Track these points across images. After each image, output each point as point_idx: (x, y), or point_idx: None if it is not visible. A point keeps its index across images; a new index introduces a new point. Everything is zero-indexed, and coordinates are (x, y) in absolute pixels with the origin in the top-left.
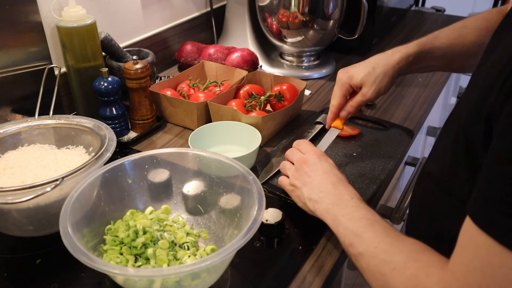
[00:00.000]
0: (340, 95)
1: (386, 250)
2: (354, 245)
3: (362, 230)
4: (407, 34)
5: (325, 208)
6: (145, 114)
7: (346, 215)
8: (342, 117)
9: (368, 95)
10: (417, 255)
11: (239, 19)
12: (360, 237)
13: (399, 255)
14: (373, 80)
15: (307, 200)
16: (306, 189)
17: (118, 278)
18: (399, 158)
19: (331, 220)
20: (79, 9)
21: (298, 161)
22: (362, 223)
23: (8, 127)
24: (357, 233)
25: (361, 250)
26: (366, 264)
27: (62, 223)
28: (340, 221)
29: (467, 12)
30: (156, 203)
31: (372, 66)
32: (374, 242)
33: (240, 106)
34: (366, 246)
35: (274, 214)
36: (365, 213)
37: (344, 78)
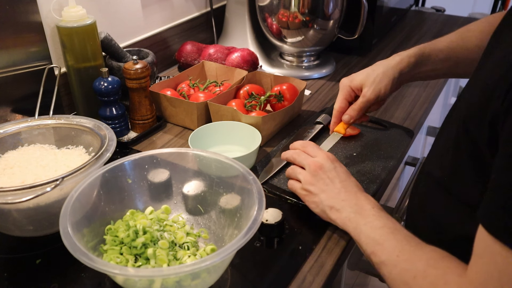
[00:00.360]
0: (342, 98)
1: (407, 259)
2: (376, 254)
3: (384, 239)
4: (407, 34)
5: (347, 217)
6: (145, 114)
7: (368, 224)
8: (345, 121)
9: (368, 95)
10: (436, 262)
11: (239, 19)
12: (382, 246)
13: (419, 263)
14: (372, 80)
15: (327, 208)
16: (325, 197)
17: (118, 278)
18: (399, 158)
19: (352, 228)
20: (79, 9)
21: (312, 165)
22: (383, 232)
23: (8, 127)
24: (379, 241)
25: (383, 259)
26: (388, 273)
27: (62, 223)
28: (361, 230)
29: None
30: (156, 203)
31: (372, 69)
32: (395, 251)
33: (240, 106)
34: (388, 255)
35: (274, 214)
36: (387, 222)
37: (346, 81)
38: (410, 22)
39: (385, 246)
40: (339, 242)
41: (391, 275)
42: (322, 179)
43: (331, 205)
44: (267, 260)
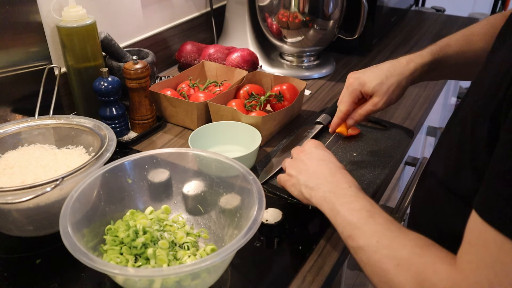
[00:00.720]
0: (350, 101)
1: (388, 245)
2: (354, 238)
3: (363, 222)
4: (407, 34)
5: (322, 196)
6: (145, 114)
7: (345, 205)
8: (349, 125)
9: (379, 106)
10: (422, 250)
11: (239, 19)
12: (360, 230)
13: (403, 251)
14: (385, 90)
15: (303, 187)
16: (302, 177)
17: (118, 278)
18: (399, 158)
19: (328, 209)
20: (79, 9)
21: (295, 151)
22: (362, 215)
23: (8, 127)
24: (357, 225)
25: (361, 243)
26: (366, 259)
27: (62, 223)
28: (338, 210)
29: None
30: (156, 203)
31: (385, 75)
32: (375, 236)
33: (240, 106)
34: (367, 240)
35: (274, 214)
36: (365, 204)
37: (355, 84)
38: (410, 22)
39: (363, 230)
40: (339, 242)
41: (369, 261)
42: (301, 160)
43: (306, 184)
44: (267, 260)
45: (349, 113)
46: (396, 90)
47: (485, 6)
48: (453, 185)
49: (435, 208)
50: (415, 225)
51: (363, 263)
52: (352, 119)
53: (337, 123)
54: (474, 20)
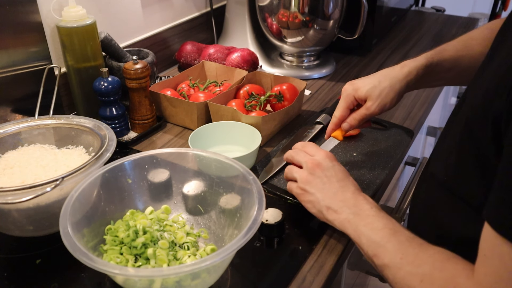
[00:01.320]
0: (344, 106)
1: (411, 262)
2: (379, 256)
3: (386, 241)
4: (407, 34)
5: (346, 218)
6: (145, 114)
7: (368, 225)
8: (344, 129)
9: (372, 109)
10: (442, 264)
11: (239, 19)
12: (384, 248)
13: (425, 266)
14: (378, 94)
15: (324, 208)
16: (322, 197)
17: (118, 278)
18: (399, 158)
19: (352, 230)
20: (79, 9)
21: (309, 163)
22: (385, 233)
23: (8, 127)
24: (380, 243)
25: (386, 261)
26: (392, 276)
27: (62, 223)
28: (362, 231)
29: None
30: (156, 203)
31: (378, 80)
32: (398, 253)
33: (240, 106)
34: (391, 257)
35: (274, 214)
36: (387, 223)
37: (349, 90)
38: (410, 22)
39: (387, 248)
40: (339, 242)
41: (395, 279)
42: (320, 177)
43: (328, 205)
44: (267, 260)
45: (344, 119)
46: (389, 94)
47: (485, 6)
48: (453, 186)
49: (435, 208)
50: (415, 225)
51: (390, 280)
52: (347, 123)
53: (332, 129)
54: (474, 20)
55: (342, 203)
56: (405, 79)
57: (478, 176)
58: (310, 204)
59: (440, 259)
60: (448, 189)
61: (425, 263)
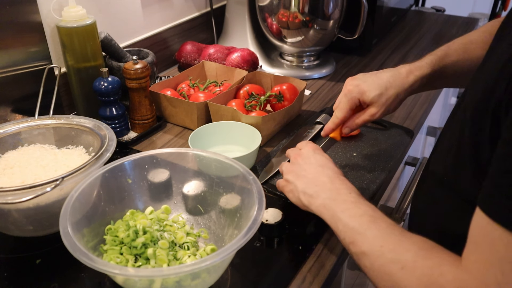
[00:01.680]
0: (347, 108)
1: (392, 249)
2: (356, 243)
3: (365, 228)
4: (407, 34)
5: (322, 203)
6: (145, 114)
7: (346, 211)
8: (344, 132)
9: (376, 116)
10: (427, 253)
11: (239, 19)
12: (363, 235)
13: (407, 254)
14: (384, 102)
15: (301, 194)
16: (300, 183)
17: (118, 278)
18: (399, 158)
19: (329, 216)
20: (79, 9)
21: (292, 154)
22: (364, 220)
23: (8, 127)
24: (359, 230)
25: (364, 249)
26: (370, 264)
27: (62, 223)
28: (339, 217)
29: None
30: (156, 203)
31: (385, 86)
32: (378, 241)
33: (240, 106)
34: (370, 245)
35: (274, 214)
36: (367, 210)
37: (355, 92)
38: (410, 22)
39: (366, 235)
40: (339, 242)
41: (373, 266)
42: (299, 164)
43: (305, 191)
44: (267, 260)
45: (346, 120)
46: (394, 102)
47: (485, 6)
48: (454, 184)
49: (435, 208)
50: (415, 225)
51: (367, 268)
52: (348, 127)
53: (332, 128)
54: (474, 20)
55: (317, 188)
56: (410, 87)
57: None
58: (291, 193)
59: (424, 247)
60: (448, 187)
61: (407, 251)
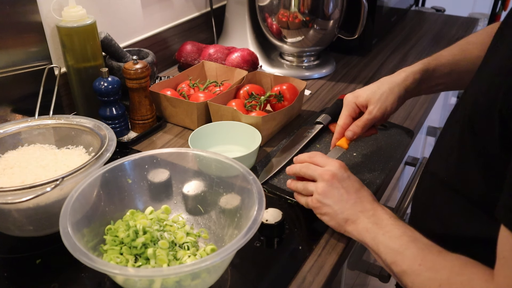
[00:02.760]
0: (346, 114)
1: (429, 268)
2: (397, 263)
3: (404, 248)
4: (407, 34)
5: (364, 227)
6: (145, 114)
7: (386, 234)
8: (347, 137)
9: (374, 113)
10: (460, 269)
11: (239, 19)
12: (402, 255)
13: (443, 271)
14: (378, 98)
15: (343, 220)
16: (340, 208)
17: (118, 278)
18: (399, 158)
19: (370, 239)
20: (79, 9)
21: (325, 175)
22: (403, 241)
23: (8, 127)
24: (399, 251)
25: (404, 268)
26: (411, 283)
27: (62, 223)
28: (380, 240)
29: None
30: (156, 203)
31: (377, 86)
32: (417, 260)
33: (240, 106)
34: (410, 264)
35: (274, 214)
36: (405, 230)
37: (350, 97)
38: (410, 22)
39: (405, 255)
40: (339, 242)
41: (414, 285)
42: (337, 188)
43: (347, 217)
44: (267, 260)
45: (347, 127)
46: (389, 97)
47: (485, 6)
48: (455, 184)
49: (436, 207)
50: (416, 225)
51: (408, 286)
52: (350, 131)
53: (336, 138)
54: (474, 20)
55: (361, 214)
56: (403, 83)
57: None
58: (328, 216)
59: (458, 264)
60: (449, 187)
61: (443, 268)
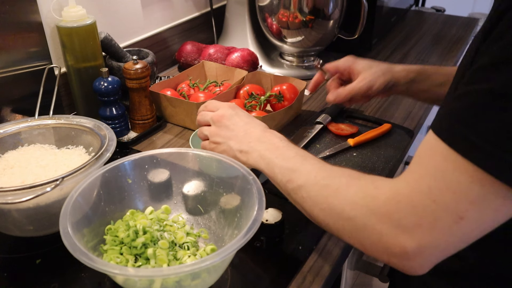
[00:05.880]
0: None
1: (325, 176)
2: (293, 180)
3: (299, 165)
4: (407, 34)
5: (258, 155)
6: (145, 114)
7: (280, 156)
8: (328, 100)
9: (361, 85)
10: (360, 175)
11: (239, 19)
12: (298, 171)
13: (341, 178)
14: (372, 72)
15: (237, 152)
16: (233, 143)
17: (118, 278)
18: (399, 158)
19: (265, 164)
20: (79, 9)
21: (214, 117)
22: (297, 160)
23: (8, 127)
24: (293, 168)
25: (300, 182)
26: (307, 193)
27: (62, 223)
28: (274, 163)
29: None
30: (156, 203)
31: (377, 64)
32: (312, 172)
33: (240, 106)
34: (305, 178)
35: (274, 214)
36: (298, 151)
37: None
38: (410, 22)
39: (301, 171)
40: (339, 243)
41: (309, 194)
42: (226, 126)
43: (240, 149)
44: (267, 260)
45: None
46: (381, 77)
47: (485, 6)
48: None
49: None
50: None
51: (304, 199)
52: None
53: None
54: (474, 20)
55: (252, 143)
56: (397, 74)
57: None
58: (225, 153)
59: (357, 173)
60: None
61: (340, 176)
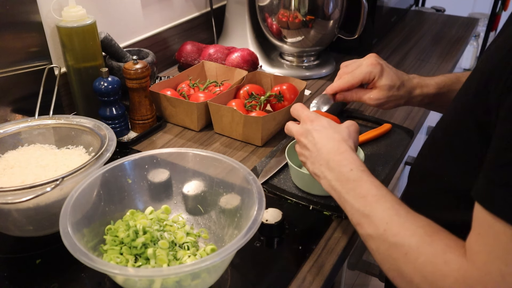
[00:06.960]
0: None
1: (396, 233)
2: (363, 226)
3: (369, 209)
4: (407, 34)
5: (329, 185)
6: (145, 114)
7: (350, 192)
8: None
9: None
10: (432, 238)
11: (239, 19)
12: (368, 218)
13: (412, 239)
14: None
15: (314, 175)
16: (309, 163)
17: (118, 278)
18: (399, 158)
19: (337, 197)
20: (79, 9)
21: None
22: (368, 201)
23: (8, 127)
24: (364, 212)
25: (369, 231)
26: (376, 247)
27: (62, 223)
28: (345, 199)
29: (467, 12)
30: (156, 203)
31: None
32: (382, 223)
33: (240, 106)
34: (375, 228)
35: (274, 214)
36: (370, 188)
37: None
38: (410, 22)
39: (371, 218)
40: (339, 242)
41: (379, 250)
42: (304, 145)
43: (314, 172)
44: (267, 260)
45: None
46: (392, 102)
47: (485, 6)
48: (441, 179)
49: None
50: None
51: (373, 251)
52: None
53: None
54: (474, 20)
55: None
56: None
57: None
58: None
59: (429, 232)
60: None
61: (412, 235)
